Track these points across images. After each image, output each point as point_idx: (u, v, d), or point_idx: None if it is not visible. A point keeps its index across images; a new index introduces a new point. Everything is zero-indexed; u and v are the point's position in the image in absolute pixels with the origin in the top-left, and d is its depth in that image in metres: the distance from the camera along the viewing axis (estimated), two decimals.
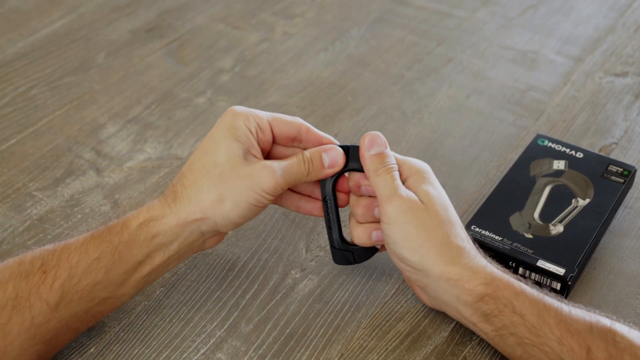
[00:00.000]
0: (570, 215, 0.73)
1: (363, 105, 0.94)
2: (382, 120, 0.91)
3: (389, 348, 0.65)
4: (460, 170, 0.84)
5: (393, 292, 0.70)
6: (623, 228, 0.77)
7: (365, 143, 0.64)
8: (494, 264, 0.63)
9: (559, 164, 0.78)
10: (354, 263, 0.68)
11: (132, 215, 0.63)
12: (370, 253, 0.68)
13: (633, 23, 1.09)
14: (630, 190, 0.80)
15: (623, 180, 0.76)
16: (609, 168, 0.78)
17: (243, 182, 0.62)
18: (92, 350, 0.65)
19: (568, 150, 0.80)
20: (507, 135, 0.89)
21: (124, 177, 0.83)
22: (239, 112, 0.65)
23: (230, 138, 0.63)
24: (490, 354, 0.64)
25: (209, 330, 0.67)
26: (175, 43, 1.05)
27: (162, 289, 0.70)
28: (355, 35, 1.07)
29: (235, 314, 0.68)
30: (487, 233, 0.71)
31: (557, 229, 0.71)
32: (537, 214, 0.73)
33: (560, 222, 0.72)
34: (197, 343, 0.66)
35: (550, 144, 0.81)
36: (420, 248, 0.61)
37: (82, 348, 0.65)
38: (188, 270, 0.72)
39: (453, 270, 0.61)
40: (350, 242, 0.68)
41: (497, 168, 0.84)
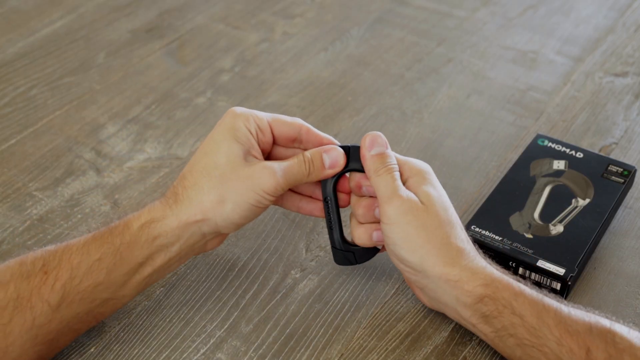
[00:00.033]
0: (570, 215, 0.73)
1: (363, 105, 0.94)
2: (382, 120, 0.92)
3: (389, 348, 0.65)
4: (460, 170, 0.84)
5: (393, 292, 0.70)
6: (623, 228, 0.77)
7: (366, 143, 0.64)
8: (494, 265, 0.63)
9: (559, 164, 0.78)
10: (355, 263, 0.68)
11: (133, 217, 0.63)
12: (371, 253, 0.68)
13: (633, 23, 1.09)
14: (630, 190, 0.80)
15: (623, 180, 0.76)
16: (609, 168, 0.78)
17: (243, 182, 0.62)
18: (92, 350, 0.65)
19: (568, 150, 0.80)
20: (507, 135, 0.89)
21: (124, 177, 0.83)
22: (239, 113, 0.65)
23: (230, 139, 0.63)
24: (490, 354, 0.65)
25: (209, 330, 0.67)
26: (175, 43, 1.05)
27: (162, 289, 0.70)
28: (355, 35, 1.07)
29: (235, 314, 0.68)
30: (487, 233, 0.71)
31: (557, 229, 0.71)
32: (537, 214, 0.73)
33: (560, 222, 0.72)
34: (197, 343, 0.66)
35: (550, 144, 0.81)
36: (420, 249, 0.61)
37: (82, 348, 0.65)
38: (188, 270, 0.72)
39: (452, 272, 0.61)
40: (351, 242, 0.68)
41: (497, 168, 0.84)
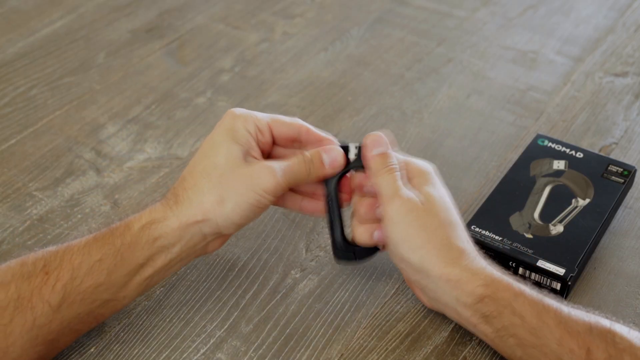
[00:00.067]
0: (570, 215, 0.73)
1: (363, 105, 0.94)
2: (382, 120, 0.92)
3: (389, 348, 0.65)
4: (460, 170, 0.84)
5: (393, 292, 0.70)
6: (623, 228, 0.77)
7: (368, 143, 0.65)
8: (494, 266, 0.63)
9: (559, 164, 0.78)
10: (356, 263, 0.68)
11: (134, 218, 0.63)
12: (372, 253, 0.68)
13: (633, 23, 1.09)
14: (630, 190, 0.80)
15: (623, 180, 0.76)
16: (609, 168, 0.78)
17: (243, 182, 0.62)
18: (92, 350, 0.65)
19: (568, 150, 0.80)
20: (507, 135, 0.89)
21: (124, 177, 0.83)
22: (238, 114, 0.65)
23: (230, 140, 0.63)
24: (490, 354, 0.65)
25: (209, 330, 0.67)
26: (175, 43, 1.05)
27: (162, 289, 0.70)
28: (355, 35, 1.07)
29: (235, 314, 0.68)
30: (487, 233, 0.71)
31: (557, 229, 0.71)
32: (537, 214, 0.73)
33: (560, 222, 0.72)
34: (197, 343, 0.66)
35: (550, 144, 0.81)
36: (421, 249, 0.61)
37: (82, 348, 0.65)
38: (188, 271, 0.72)
39: (453, 272, 0.61)
40: (352, 241, 0.68)
41: (497, 168, 0.84)
